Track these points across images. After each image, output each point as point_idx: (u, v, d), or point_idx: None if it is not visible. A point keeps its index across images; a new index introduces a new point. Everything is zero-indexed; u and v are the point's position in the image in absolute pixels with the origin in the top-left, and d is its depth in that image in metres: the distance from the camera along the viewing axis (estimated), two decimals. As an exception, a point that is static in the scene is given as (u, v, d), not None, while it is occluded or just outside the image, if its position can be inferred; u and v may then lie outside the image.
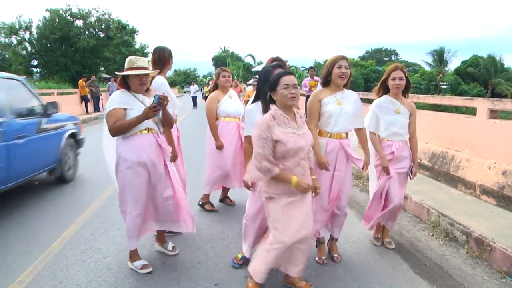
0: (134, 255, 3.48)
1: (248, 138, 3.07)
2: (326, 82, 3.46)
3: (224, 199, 5.44)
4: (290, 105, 2.66)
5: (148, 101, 3.27)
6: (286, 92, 2.60)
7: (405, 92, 3.80)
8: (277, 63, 3.32)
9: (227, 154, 4.84)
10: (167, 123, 3.42)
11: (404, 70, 3.76)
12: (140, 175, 3.24)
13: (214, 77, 5.15)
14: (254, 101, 3.28)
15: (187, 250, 3.88)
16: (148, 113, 3.10)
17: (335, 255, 3.72)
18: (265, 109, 2.88)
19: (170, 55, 4.04)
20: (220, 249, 3.90)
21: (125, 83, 3.29)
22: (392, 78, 3.70)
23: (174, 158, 3.61)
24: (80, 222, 4.62)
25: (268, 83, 2.72)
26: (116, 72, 3.47)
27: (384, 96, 3.82)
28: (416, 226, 4.64)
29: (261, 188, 2.84)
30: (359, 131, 3.59)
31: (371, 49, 73.45)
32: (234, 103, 4.96)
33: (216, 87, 5.00)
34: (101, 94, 20.92)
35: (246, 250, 3.44)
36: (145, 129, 3.24)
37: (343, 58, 3.35)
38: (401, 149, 3.75)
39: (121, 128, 3.15)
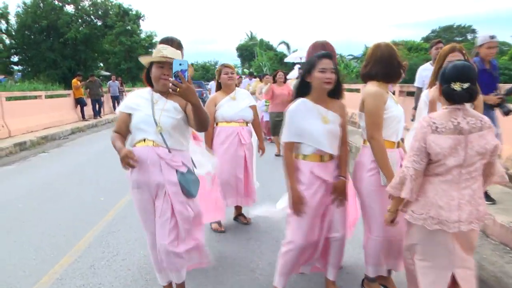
0: None
1: (287, 144, 3.36)
2: (386, 76, 3.43)
3: (238, 216, 5.68)
4: None
5: (162, 105, 3.21)
6: None
7: None
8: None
9: (222, 163, 4.98)
10: (200, 123, 3.10)
11: (464, 51, 3.78)
12: (140, 197, 3.27)
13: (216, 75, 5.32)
14: (296, 97, 3.44)
15: (208, 286, 3.95)
16: (124, 159, 2.94)
17: None
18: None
19: (180, 47, 4.14)
20: (247, 283, 3.97)
21: (150, 79, 3.29)
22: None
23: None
24: (76, 252, 4.76)
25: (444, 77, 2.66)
26: (139, 58, 3.43)
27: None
28: (504, 257, 4.54)
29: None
30: None
31: (438, 27, 71.98)
32: (236, 106, 5.12)
33: (219, 86, 5.23)
34: (103, 96, 21.16)
35: (279, 282, 3.54)
36: (142, 140, 3.20)
37: None
38: None
39: (112, 142, 3.19)
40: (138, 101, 3.27)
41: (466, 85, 2.52)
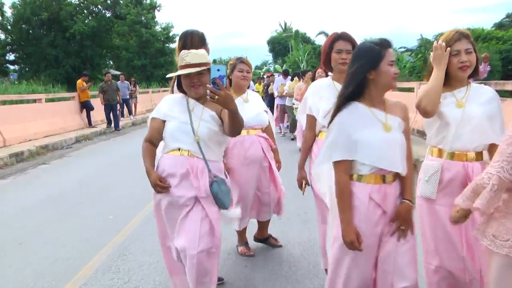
0: None
1: (342, 164, 2.96)
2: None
3: (267, 240, 5.56)
4: None
5: (199, 113, 3.47)
6: None
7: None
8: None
9: (245, 182, 4.94)
10: (235, 129, 3.36)
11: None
12: (171, 214, 3.52)
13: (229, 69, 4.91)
14: (341, 104, 3.05)
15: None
16: (155, 187, 3.38)
17: None
18: None
19: (203, 41, 4.22)
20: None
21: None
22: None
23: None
24: (81, 278, 4.81)
25: None
26: (170, 75, 3.73)
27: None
28: None
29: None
30: (491, 149, 3.28)
31: (516, 10, 70.53)
32: (251, 109, 4.93)
33: (230, 84, 5.00)
34: (119, 102, 20.46)
35: None
36: (176, 149, 3.47)
37: (463, 36, 3.21)
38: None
39: (143, 156, 3.50)
40: (173, 107, 3.55)
41: None
